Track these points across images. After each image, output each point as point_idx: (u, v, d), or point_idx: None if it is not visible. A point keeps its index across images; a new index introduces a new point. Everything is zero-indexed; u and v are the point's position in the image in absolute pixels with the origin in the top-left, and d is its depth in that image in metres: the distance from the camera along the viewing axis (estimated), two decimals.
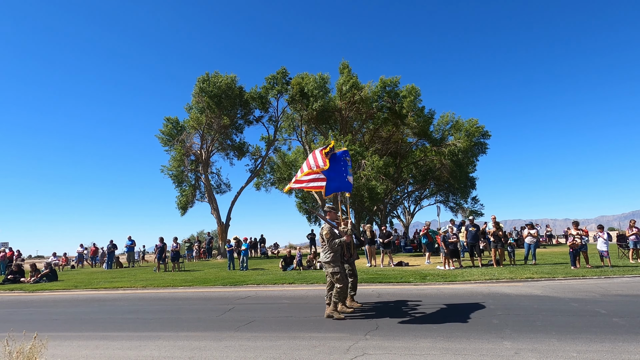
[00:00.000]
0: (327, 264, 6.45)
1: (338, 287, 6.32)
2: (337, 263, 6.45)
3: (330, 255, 6.44)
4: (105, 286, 12.13)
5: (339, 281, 6.32)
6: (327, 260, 6.45)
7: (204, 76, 23.51)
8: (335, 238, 6.52)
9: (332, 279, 6.43)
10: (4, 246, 23.08)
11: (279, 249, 29.45)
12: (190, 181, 26.07)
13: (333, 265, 6.40)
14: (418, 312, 6.66)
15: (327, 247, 6.46)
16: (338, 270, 6.38)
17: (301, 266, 15.02)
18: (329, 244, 6.44)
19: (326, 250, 6.48)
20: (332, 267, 6.39)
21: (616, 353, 4.16)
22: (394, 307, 7.14)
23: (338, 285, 6.32)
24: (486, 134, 27.83)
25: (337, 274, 6.35)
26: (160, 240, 18.08)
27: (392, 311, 6.79)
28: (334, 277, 6.39)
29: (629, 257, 13.97)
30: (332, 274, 6.41)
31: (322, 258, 6.56)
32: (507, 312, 6.36)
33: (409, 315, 6.43)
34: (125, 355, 4.85)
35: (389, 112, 25.40)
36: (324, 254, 6.51)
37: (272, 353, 4.63)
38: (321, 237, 6.58)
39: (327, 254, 6.46)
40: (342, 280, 6.38)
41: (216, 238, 26.88)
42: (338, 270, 6.37)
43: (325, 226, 6.62)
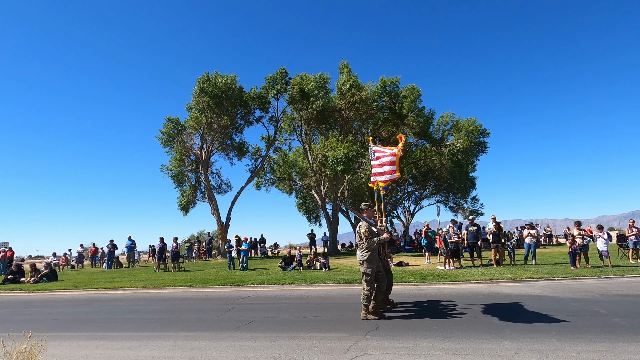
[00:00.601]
0: (363, 263, 6.27)
1: (366, 289, 6.16)
2: (373, 263, 6.28)
3: (368, 254, 6.26)
4: (105, 286, 12.13)
5: (368, 283, 6.17)
6: (363, 259, 6.27)
7: (204, 76, 23.51)
8: (373, 236, 6.36)
9: (362, 277, 6.27)
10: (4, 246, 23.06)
11: (279, 249, 29.46)
12: (191, 181, 26.08)
13: (368, 264, 6.22)
14: (418, 312, 6.66)
15: (365, 246, 6.28)
16: (370, 272, 6.20)
17: (301, 266, 15.02)
18: (367, 243, 6.26)
19: (363, 248, 6.30)
20: (365, 267, 6.22)
21: (616, 353, 4.16)
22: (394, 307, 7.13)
23: (365, 288, 6.16)
24: (485, 132, 27.85)
25: (367, 276, 6.18)
26: (160, 241, 18.07)
27: (392, 311, 6.79)
28: (363, 277, 6.23)
29: (629, 257, 13.97)
30: (363, 274, 6.25)
31: (359, 256, 6.37)
32: (507, 312, 6.35)
33: (409, 315, 6.43)
34: (125, 355, 4.85)
35: (389, 112, 25.40)
36: (361, 252, 6.33)
37: (272, 353, 4.63)
38: (358, 235, 6.42)
39: (364, 253, 6.28)
40: (371, 283, 6.21)
41: (216, 238, 26.88)
42: (370, 272, 6.20)
43: (364, 224, 6.43)
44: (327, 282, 10.84)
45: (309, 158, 25.61)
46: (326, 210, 26.69)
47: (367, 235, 6.30)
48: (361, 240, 6.36)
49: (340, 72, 24.86)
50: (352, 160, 21.00)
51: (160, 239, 18.14)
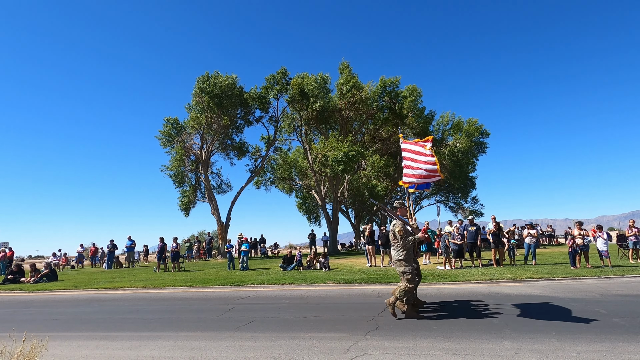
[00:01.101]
0: (399, 262, 6.18)
1: (407, 286, 6.07)
2: (410, 262, 6.20)
3: (404, 253, 6.17)
4: (105, 286, 12.13)
5: (410, 281, 6.09)
6: (399, 259, 6.18)
7: (204, 76, 23.50)
8: (408, 235, 6.26)
9: (402, 278, 6.15)
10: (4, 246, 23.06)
11: (279, 249, 29.45)
12: (191, 181, 26.07)
13: (405, 264, 6.14)
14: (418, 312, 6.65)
15: (400, 245, 6.19)
16: (410, 270, 6.12)
17: (301, 266, 15.02)
18: (402, 242, 6.17)
19: (398, 248, 6.21)
20: (403, 266, 6.13)
21: (616, 353, 4.16)
22: None
23: (408, 284, 6.08)
24: (485, 132, 27.87)
25: (408, 274, 6.09)
26: (160, 241, 18.07)
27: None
28: (404, 277, 6.12)
29: (629, 257, 13.97)
30: (402, 274, 6.14)
31: (394, 256, 6.28)
32: (507, 312, 6.35)
33: None
34: (125, 355, 4.85)
35: (389, 112, 25.41)
36: (396, 251, 6.24)
37: (272, 353, 4.63)
38: (393, 234, 6.29)
39: (400, 252, 6.19)
40: (413, 280, 6.14)
41: (216, 238, 26.88)
42: (410, 270, 6.11)
43: (398, 223, 6.30)
44: (327, 282, 10.84)
45: (309, 158, 25.61)
46: (326, 210, 26.69)
47: (402, 234, 6.19)
48: (395, 240, 6.25)
49: (341, 72, 24.86)
50: (352, 160, 21.01)
51: (160, 239, 18.14)
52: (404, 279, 6.13)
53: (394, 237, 6.28)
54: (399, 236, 6.19)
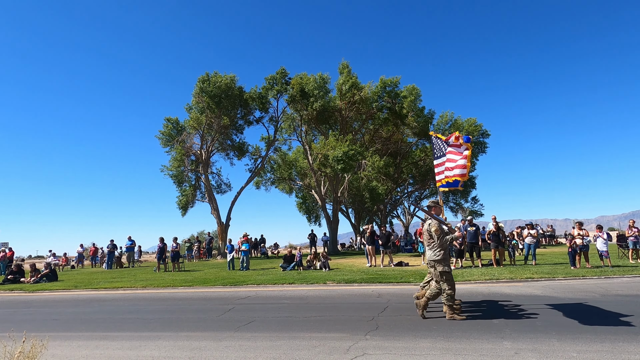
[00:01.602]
0: (437, 262, 6.00)
1: (448, 291, 5.88)
2: (447, 262, 6.05)
3: (441, 253, 6.00)
4: (105, 286, 12.13)
5: (448, 282, 5.92)
6: (437, 259, 6.00)
7: (204, 76, 23.49)
8: (445, 235, 6.11)
9: (440, 279, 5.97)
10: (4, 246, 23.06)
11: (279, 249, 29.46)
12: (191, 181, 26.08)
13: (443, 264, 5.97)
14: None
15: (437, 245, 6.03)
16: (449, 270, 5.99)
17: (301, 266, 15.02)
18: (439, 241, 6.01)
19: (435, 247, 6.05)
20: (442, 267, 5.96)
21: (616, 353, 4.16)
22: (394, 307, 7.14)
23: (447, 288, 5.89)
24: (485, 133, 27.86)
25: (448, 274, 5.95)
26: (160, 241, 18.07)
27: (392, 311, 6.79)
28: (442, 277, 5.94)
29: (629, 257, 13.97)
30: (440, 274, 5.95)
31: (431, 256, 6.10)
32: (507, 312, 6.36)
33: (409, 315, 6.42)
34: (125, 355, 4.85)
35: (389, 112, 25.41)
36: (433, 251, 6.06)
37: (272, 353, 4.63)
38: (428, 233, 6.16)
39: (437, 252, 6.02)
40: (451, 281, 5.98)
41: (216, 238, 26.88)
42: (448, 271, 5.97)
43: (434, 222, 6.15)
44: (327, 282, 10.84)
45: (309, 158, 25.61)
46: (326, 210, 26.69)
47: (439, 234, 6.04)
48: (431, 239, 6.12)
49: (340, 72, 24.86)
50: (352, 159, 21.00)
51: (160, 239, 18.14)
52: (443, 280, 5.96)
53: (429, 237, 6.15)
54: (436, 236, 6.04)
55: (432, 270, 6.33)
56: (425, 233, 6.26)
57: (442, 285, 5.95)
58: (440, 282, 6.00)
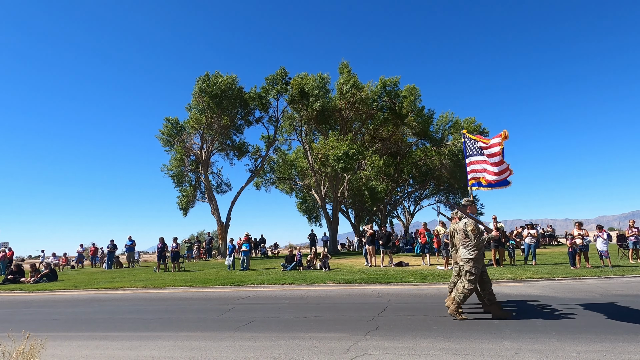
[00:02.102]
0: (469, 261, 5.92)
1: (466, 289, 5.86)
2: (479, 262, 5.96)
3: (475, 252, 5.92)
4: (105, 286, 12.13)
5: (471, 282, 5.89)
6: (470, 258, 5.92)
7: (204, 76, 23.50)
8: (481, 234, 6.02)
9: (465, 276, 5.93)
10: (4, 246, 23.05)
11: (279, 249, 29.47)
12: (191, 181, 26.09)
13: (475, 263, 5.89)
14: (418, 312, 6.65)
15: (472, 244, 5.96)
16: (475, 271, 5.90)
17: (301, 266, 15.02)
18: (475, 241, 5.93)
19: (470, 247, 5.98)
20: (471, 266, 5.88)
21: (616, 353, 4.16)
22: (394, 307, 7.14)
23: (467, 286, 5.87)
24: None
25: (472, 275, 5.88)
26: (160, 241, 18.07)
27: (392, 311, 6.79)
28: (467, 276, 5.91)
29: (629, 257, 13.98)
30: (467, 273, 5.90)
31: (464, 255, 6.01)
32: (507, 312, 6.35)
33: (409, 315, 6.43)
34: (125, 355, 4.85)
35: (389, 112, 25.41)
36: (467, 250, 6.00)
37: (272, 353, 4.63)
38: (464, 232, 6.06)
39: (471, 251, 5.95)
40: (474, 283, 5.93)
41: (216, 238, 26.88)
42: (475, 272, 5.89)
43: (470, 221, 6.06)
44: (327, 282, 10.84)
45: (309, 158, 25.61)
46: (326, 211, 26.69)
47: (475, 233, 5.95)
48: (466, 238, 6.05)
49: (340, 72, 24.86)
50: (352, 158, 21.00)
51: (160, 239, 18.14)
52: (467, 278, 5.92)
53: (465, 236, 6.07)
54: (472, 235, 5.96)
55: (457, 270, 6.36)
56: (461, 232, 6.16)
57: (464, 282, 5.94)
58: (463, 279, 5.97)
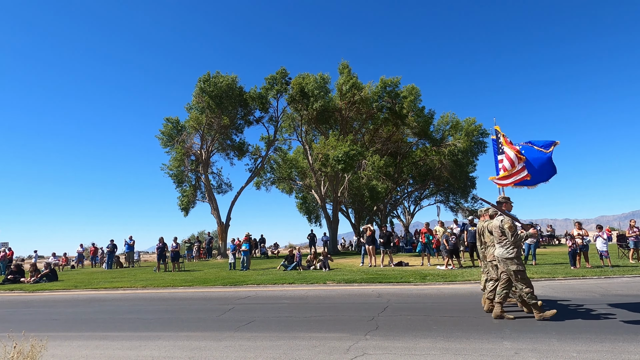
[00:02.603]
0: (510, 260, 5.79)
1: (525, 289, 5.70)
2: (521, 260, 5.84)
3: (514, 250, 5.80)
4: (105, 286, 12.13)
5: (523, 280, 5.72)
6: (510, 256, 5.80)
7: (205, 76, 23.52)
8: (518, 232, 5.93)
9: (515, 278, 5.77)
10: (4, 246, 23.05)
11: (279, 249, 29.47)
12: (191, 181, 26.09)
13: (517, 263, 5.76)
14: (418, 312, 6.66)
15: (510, 242, 5.84)
16: (523, 268, 5.78)
17: (301, 266, 15.03)
18: (513, 238, 5.82)
19: (507, 245, 5.86)
20: (515, 265, 5.75)
21: (616, 353, 4.16)
22: (394, 307, 7.14)
23: (524, 287, 5.71)
24: (485, 132, 27.89)
25: (522, 273, 5.75)
26: (160, 241, 18.08)
27: (392, 311, 6.79)
28: (516, 277, 5.75)
29: (629, 257, 13.98)
30: (514, 273, 5.76)
31: (502, 254, 5.88)
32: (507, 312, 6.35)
33: (409, 315, 6.43)
34: (125, 355, 4.85)
35: (389, 112, 25.41)
36: (505, 249, 5.87)
37: (272, 353, 4.63)
38: (500, 230, 5.94)
39: (510, 249, 5.83)
40: (527, 279, 5.78)
41: (216, 238, 26.89)
42: (523, 269, 5.77)
43: (506, 219, 5.94)
44: (327, 282, 10.84)
45: (309, 158, 25.61)
46: (326, 211, 26.69)
47: (513, 230, 5.85)
48: (503, 236, 5.92)
49: (340, 72, 24.86)
50: (352, 158, 21.01)
51: (160, 239, 18.14)
52: (518, 279, 5.77)
53: (501, 234, 5.95)
54: (510, 232, 5.84)
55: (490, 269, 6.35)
56: (496, 229, 6.04)
57: (518, 284, 5.78)
58: (515, 282, 5.81)
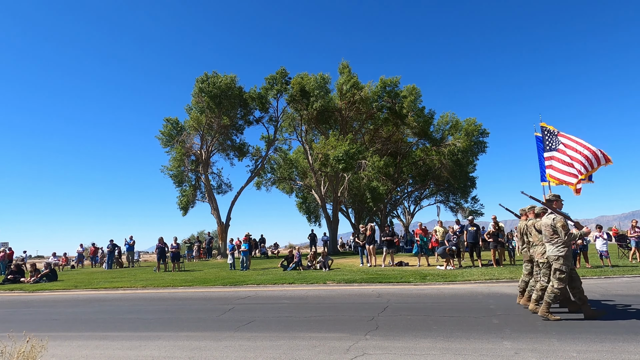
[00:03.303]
0: (558, 259, 5.69)
1: (555, 289, 5.65)
2: (569, 260, 5.74)
3: (565, 250, 5.69)
4: (105, 286, 12.13)
5: (561, 281, 5.67)
6: (560, 255, 5.69)
7: (203, 76, 23.50)
8: (570, 230, 5.79)
9: (554, 275, 5.71)
10: (4, 246, 23.06)
11: (279, 249, 29.47)
12: (191, 181, 26.09)
13: (565, 261, 5.67)
14: (418, 312, 6.66)
15: (561, 241, 5.72)
16: (566, 269, 5.67)
17: (301, 266, 15.02)
18: (566, 237, 5.68)
19: (558, 243, 5.74)
20: (560, 264, 5.66)
21: (616, 353, 4.16)
22: (394, 307, 7.14)
23: (556, 285, 5.66)
24: (485, 132, 27.89)
25: (562, 273, 5.66)
26: (160, 241, 18.08)
27: (392, 311, 6.79)
28: (556, 274, 5.68)
29: (629, 257, 13.98)
30: (556, 270, 5.68)
31: (553, 252, 5.77)
32: (507, 312, 6.35)
33: (409, 315, 6.43)
34: (125, 355, 4.85)
35: (389, 112, 25.41)
36: (556, 247, 5.76)
37: (272, 353, 4.63)
38: (552, 228, 5.81)
39: (561, 248, 5.71)
40: (564, 282, 5.70)
41: (216, 238, 26.88)
42: (566, 270, 5.67)
43: (559, 217, 5.83)
44: (327, 282, 10.84)
45: (309, 158, 25.61)
46: (326, 211, 26.68)
47: (566, 229, 5.72)
48: (555, 235, 5.80)
49: (340, 72, 24.86)
50: (352, 157, 21.01)
51: (160, 239, 18.14)
52: (556, 277, 5.70)
53: (553, 232, 5.84)
54: (563, 231, 5.72)
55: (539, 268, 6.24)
56: (548, 228, 5.91)
57: (553, 281, 5.75)
58: (552, 278, 5.78)
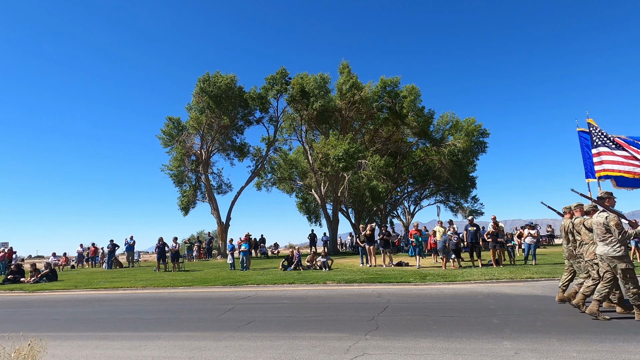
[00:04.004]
0: (618, 258, 5.49)
1: (633, 289, 5.39)
2: (629, 259, 5.54)
3: (622, 249, 5.52)
4: (105, 286, 12.13)
5: (632, 280, 5.40)
6: (618, 254, 5.50)
7: (204, 76, 23.51)
8: (625, 229, 5.65)
9: (622, 276, 5.48)
10: (4, 246, 23.06)
11: (279, 249, 29.47)
12: (191, 181, 26.11)
13: (626, 261, 5.47)
14: (418, 312, 6.66)
15: (616, 240, 5.55)
16: (632, 267, 5.47)
17: (301, 266, 15.02)
18: (620, 236, 5.53)
19: (613, 242, 5.57)
20: (624, 264, 5.47)
21: (616, 353, 4.16)
22: (394, 307, 7.14)
23: (632, 287, 5.40)
24: (485, 132, 27.88)
25: (630, 272, 5.45)
26: (159, 241, 18.07)
27: (392, 311, 6.79)
28: (625, 276, 5.45)
29: None
30: (623, 272, 5.46)
31: (608, 252, 5.59)
32: (507, 312, 6.36)
33: (409, 315, 6.43)
34: (125, 355, 4.85)
35: (389, 112, 25.42)
36: (611, 247, 5.58)
37: (272, 353, 4.63)
38: (605, 227, 5.65)
39: (617, 247, 5.53)
40: (635, 279, 5.44)
41: (216, 238, 26.88)
42: (632, 267, 5.46)
43: (612, 216, 5.67)
44: (327, 282, 10.84)
45: (309, 158, 25.61)
46: (326, 211, 26.68)
47: (620, 228, 5.56)
48: (608, 234, 5.64)
49: (340, 72, 24.87)
50: (353, 156, 21.02)
51: (160, 239, 18.14)
52: (627, 278, 5.46)
53: (605, 231, 5.68)
54: (617, 230, 5.56)
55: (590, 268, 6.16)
56: (600, 226, 5.75)
57: (627, 284, 5.50)
58: (622, 280, 5.55)
